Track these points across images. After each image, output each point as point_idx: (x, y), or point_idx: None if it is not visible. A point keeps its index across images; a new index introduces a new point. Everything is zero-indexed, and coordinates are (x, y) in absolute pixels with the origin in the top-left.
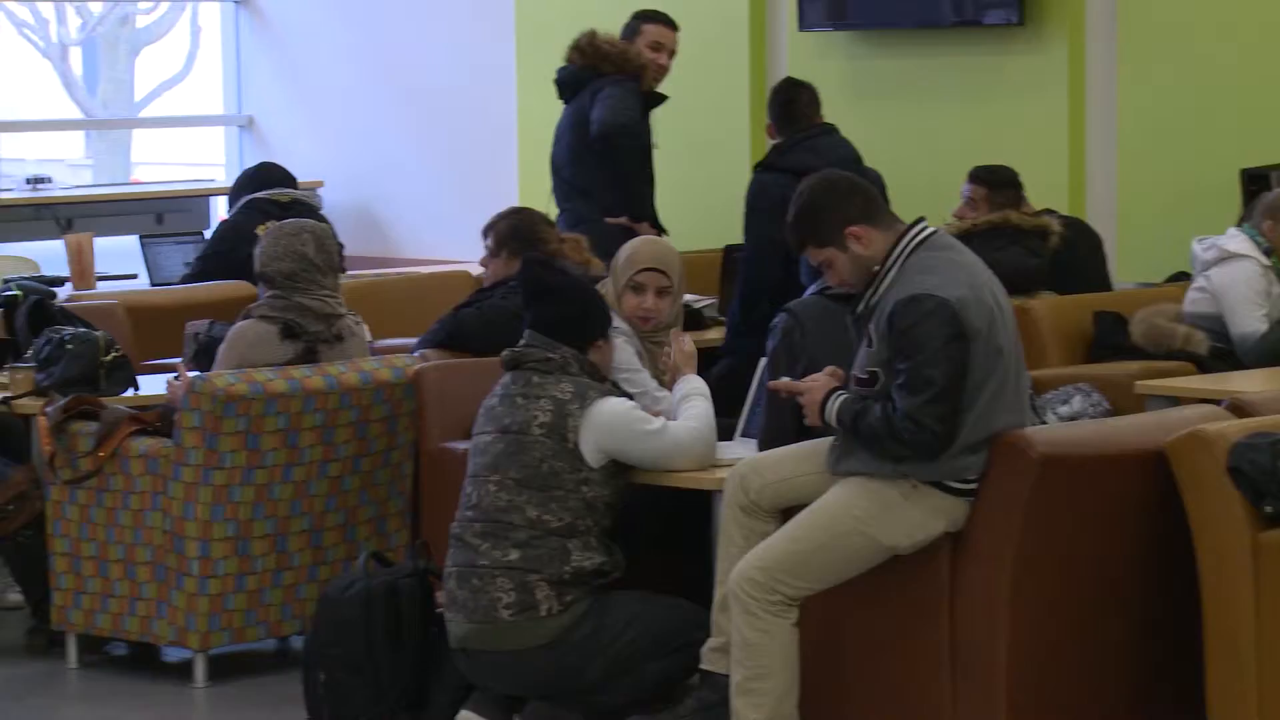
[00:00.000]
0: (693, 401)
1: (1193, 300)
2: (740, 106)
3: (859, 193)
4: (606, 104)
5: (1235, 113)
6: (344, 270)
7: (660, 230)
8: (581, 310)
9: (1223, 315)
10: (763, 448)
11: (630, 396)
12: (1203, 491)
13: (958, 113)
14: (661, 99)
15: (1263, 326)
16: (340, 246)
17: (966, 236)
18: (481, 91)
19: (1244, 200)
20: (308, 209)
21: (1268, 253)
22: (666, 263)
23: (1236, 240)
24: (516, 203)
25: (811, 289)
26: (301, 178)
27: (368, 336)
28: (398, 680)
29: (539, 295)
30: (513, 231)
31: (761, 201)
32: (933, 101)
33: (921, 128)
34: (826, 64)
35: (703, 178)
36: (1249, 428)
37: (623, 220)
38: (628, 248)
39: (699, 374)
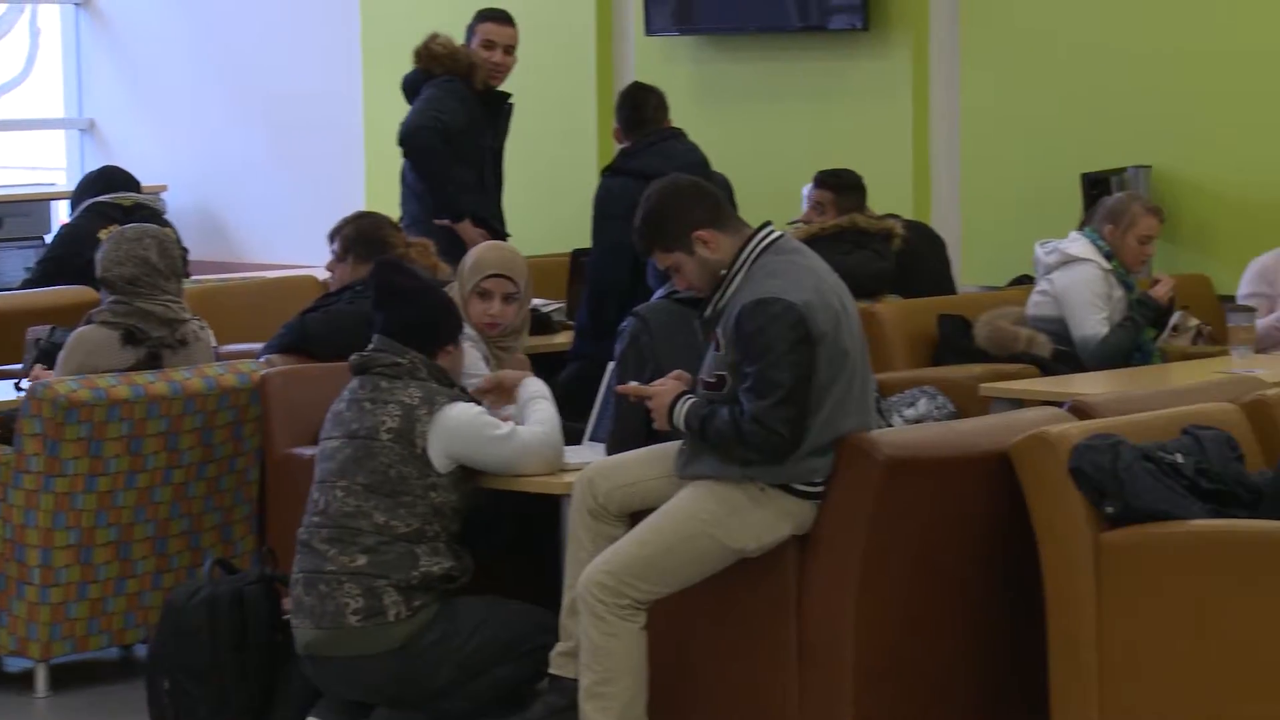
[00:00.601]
0: (538, 404)
1: (1035, 303)
2: (587, 111)
3: (706, 197)
4: (415, 107)
5: (1076, 117)
6: (188, 275)
7: (499, 233)
8: (432, 315)
9: (1065, 318)
10: (611, 452)
11: (478, 402)
12: (1045, 492)
13: (803, 117)
14: (503, 98)
15: (1104, 329)
16: (184, 251)
17: (812, 240)
18: (328, 95)
19: (1085, 204)
20: (151, 213)
21: (1108, 256)
22: (513, 268)
23: (1078, 244)
24: (363, 207)
25: (659, 293)
26: (145, 181)
27: (212, 342)
28: (243, 688)
29: (389, 299)
30: (359, 235)
31: (608, 205)
32: (779, 106)
33: (767, 132)
34: (673, 68)
35: (550, 182)
36: (1090, 429)
37: (446, 221)
38: (473, 253)
39: (548, 378)
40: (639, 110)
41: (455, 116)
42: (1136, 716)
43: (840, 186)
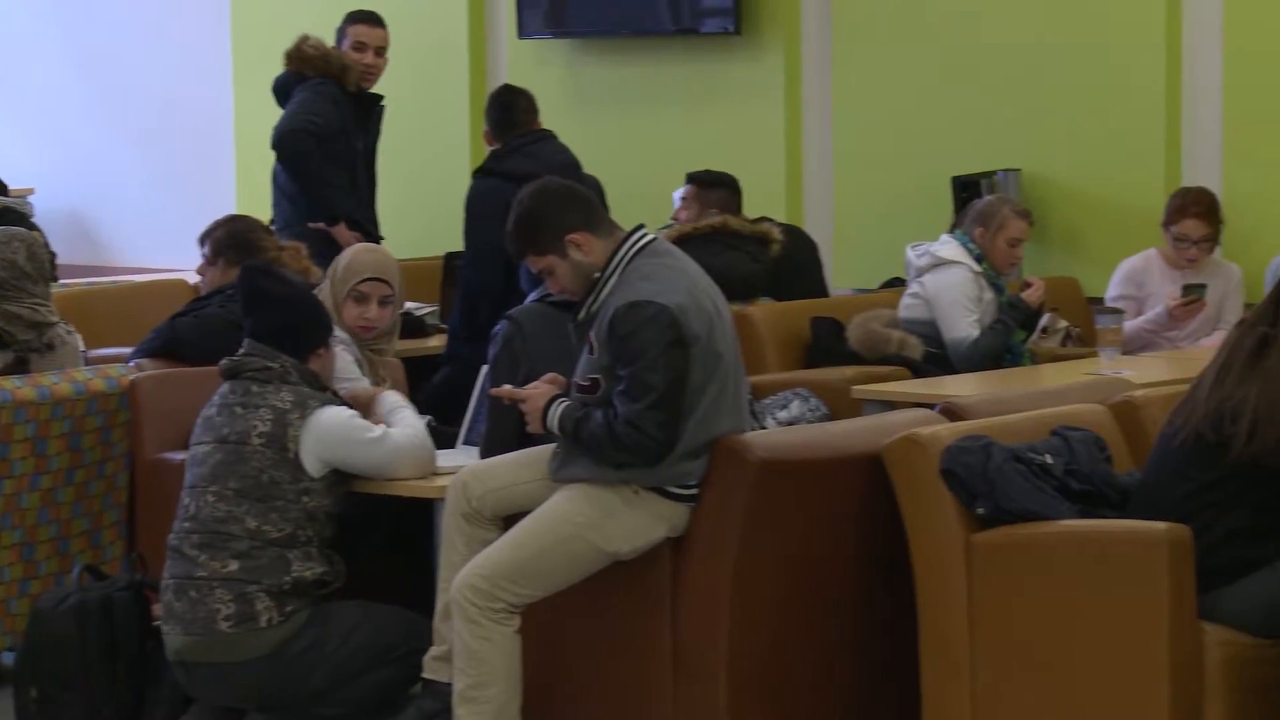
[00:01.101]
0: (401, 413)
1: (907, 306)
2: (460, 114)
3: (578, 200)
4: (289, 110)
5: (947, 121)
6: (56, 279)
7: (373, 236)
8: (302, 319)
9: (936, 320)
10: (485, 455)
11: (351, 405)
12: (917, 494)
13: (676, 120)
14: (376, 99)
15: (975, 332)
16: (52, 255)
17: (684, 241)
18: (198, 98)
19: (955, 207)
20: (18, 216)
21: (979, 259)
22: (388, 271)
23: (949, 247)
24: (234, 210)
25: (532, 296)
26: (12, 185)
27: (81, 346)
28: (113, 695)
29: (258, 303)
30: (230, 239)
31: (479, 207)
32: (652, 109)
33: (641, 135)
34: (546, 71)
35: (423, 184)
36: (961, 431)
37: (321, 225)
38: (346, 256)
39: (422, 381)
40: (508, 112)
41: (328, 119)
42: (1007, 714)
43: (705, 182)
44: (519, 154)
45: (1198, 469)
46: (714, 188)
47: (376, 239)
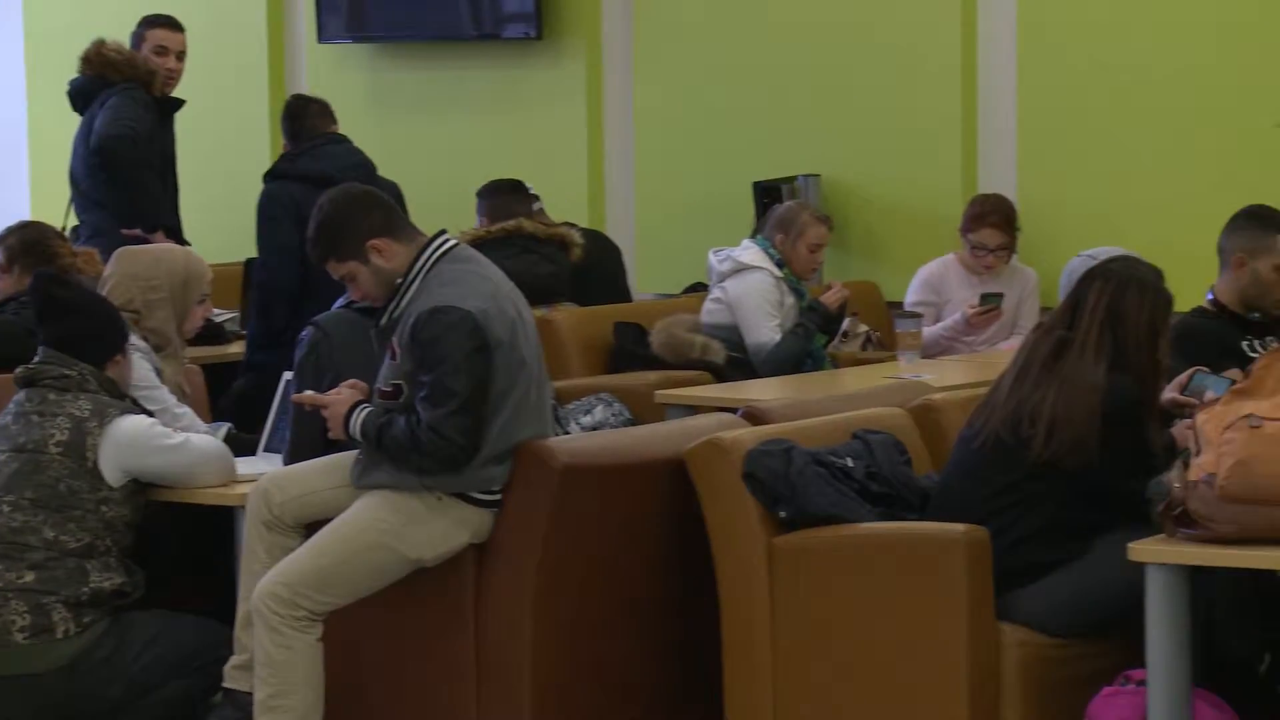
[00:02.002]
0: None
1: (709, 311)
2: (260, 119)
3: (379, 206)
4: (105, 116)
5: (748, 126)
6: None
7: (183, 243)
8: (98, 326)
9: (738, 325)
10: (288, 462)
11: (150, 413)
12: (719, 498)
13: (479, 125)
14: (178, 104)
15: (776, 336)
16: None
17: (479, 244)
18: None
19: (757, 212)
20: None
21: (780, 264)
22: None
23: (750, 252)
24: (28, 216)
25: (339, 301)
26: None
27: None
28: None
29: (53, 311)
30: (23, 246)
31: (271, 209)
32: (454, 114)
33: (443, 140)
34: (347, 76)
35: (223, 190)
36: (763, 435)
37: (136, 232)
38: (189, 263)
39: (222, 388)
40: (297, 120)
41: (143, 124)
42: (809, 715)
43: (483, 191)
44: (309, 156)
45: (996, 471)
46: (490, 195)
47: (185, 245)
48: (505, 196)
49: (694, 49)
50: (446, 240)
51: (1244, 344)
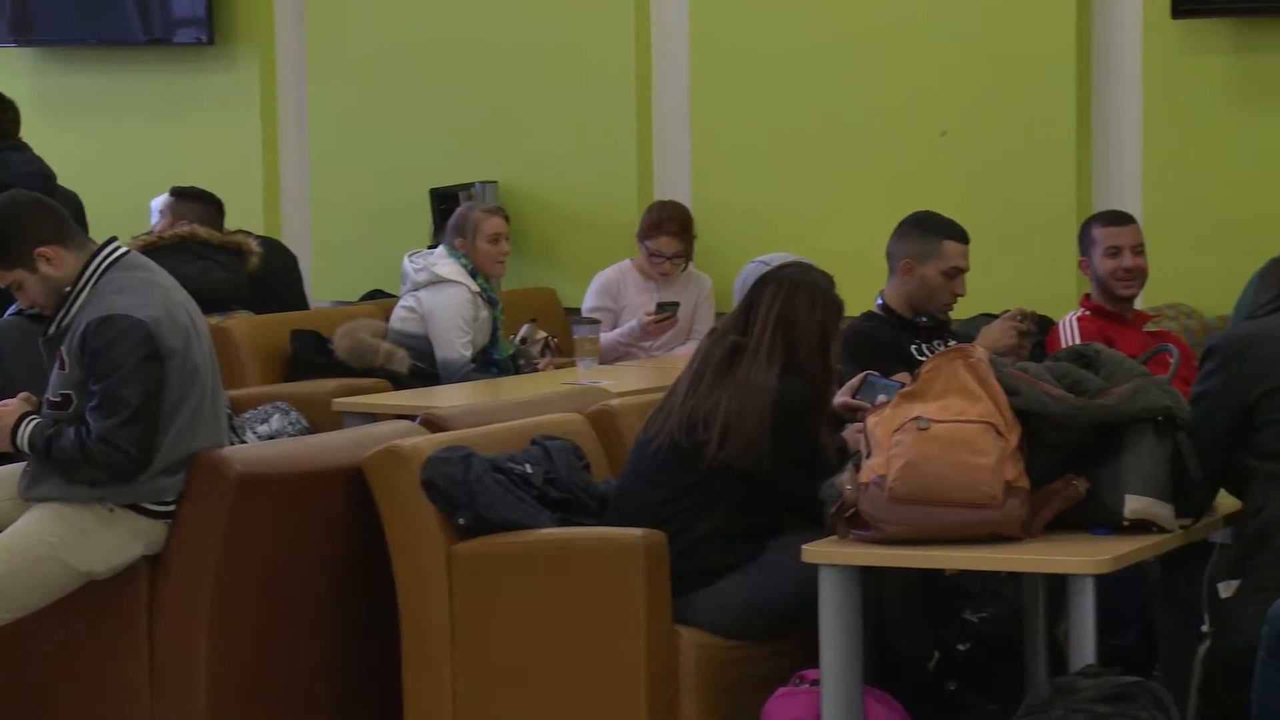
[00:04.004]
0: None
1: (401, 318)
2: None
3: (47, 213)
4: None
5: (424, 133)
6: None
7: None
8: None
9: (429, 337)
10: None
11: None
12: (399, 506)
13: (151, 131)
14: None
15: (467, 353)
16: None
17: (152, 250)
18: None
19: (435, 219)
20: None
21: (474, 275)
22: None
23: (447, 265)
24: None
25: (11, 309)
26: None
27: None
28: None
29: None
30: None
31: None
32: (124, 120)
33: (114, 147)
34: (12, 81)
35: None
36: (442, 442)
37: None
38: None
39: None
40: None
41: None
42: None
43: (184, 195)
44: None
45: (673, 475)
46: (193, 201)
47: None
48: (203, 205)
49: (368, 55)
50: (117, 247)
51: (912, 347)
